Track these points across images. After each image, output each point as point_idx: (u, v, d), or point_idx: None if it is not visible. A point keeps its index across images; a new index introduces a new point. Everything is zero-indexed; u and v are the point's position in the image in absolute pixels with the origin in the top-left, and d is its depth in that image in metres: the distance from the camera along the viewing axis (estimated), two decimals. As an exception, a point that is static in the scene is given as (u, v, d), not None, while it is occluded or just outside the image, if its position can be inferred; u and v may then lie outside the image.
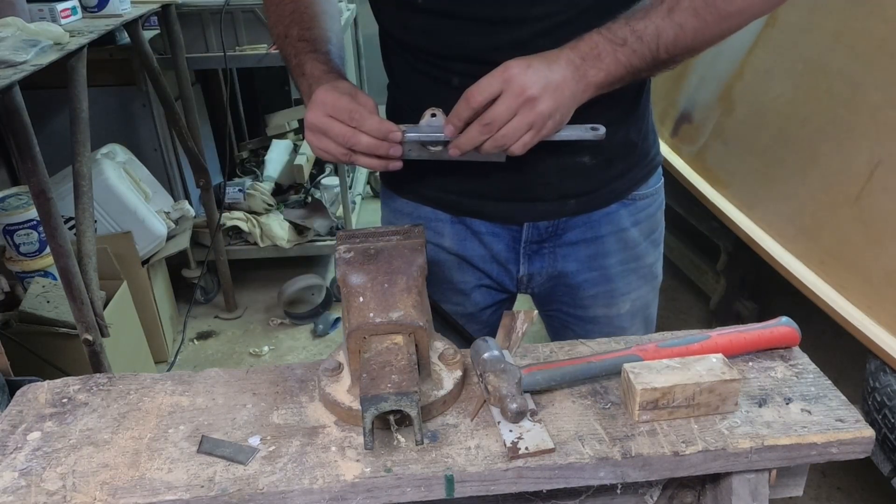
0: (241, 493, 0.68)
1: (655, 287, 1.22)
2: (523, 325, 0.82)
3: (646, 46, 0.86)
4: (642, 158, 1.10)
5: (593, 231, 1.10)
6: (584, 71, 0.85)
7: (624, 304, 1.17)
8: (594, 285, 1.14)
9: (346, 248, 0.84)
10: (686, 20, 0.85)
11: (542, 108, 0.82)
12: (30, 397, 0.82)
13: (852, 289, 1.63)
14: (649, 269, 1.18)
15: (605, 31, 0.86)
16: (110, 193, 2.42)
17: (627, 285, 1.16)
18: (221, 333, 2.86)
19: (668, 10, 0.86)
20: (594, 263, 1.12)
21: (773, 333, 0.85)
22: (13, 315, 2.05)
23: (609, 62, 0.85)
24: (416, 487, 0.69)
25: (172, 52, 2.55)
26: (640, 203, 1.12)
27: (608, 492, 0.77)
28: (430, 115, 0.89)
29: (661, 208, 1.18)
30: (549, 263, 1.13)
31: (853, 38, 1.60)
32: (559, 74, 0.83)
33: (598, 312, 1.17)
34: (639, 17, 0.86)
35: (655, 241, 1.18)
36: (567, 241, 1.11)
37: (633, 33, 0.85)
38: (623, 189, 1.10)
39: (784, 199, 1.88)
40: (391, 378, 0.70)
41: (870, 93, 1.56)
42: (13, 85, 1.51)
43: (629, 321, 1.18)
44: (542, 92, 0.82)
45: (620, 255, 1.13)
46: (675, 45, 0.86)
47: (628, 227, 1.12)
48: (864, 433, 0.72)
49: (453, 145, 0.88)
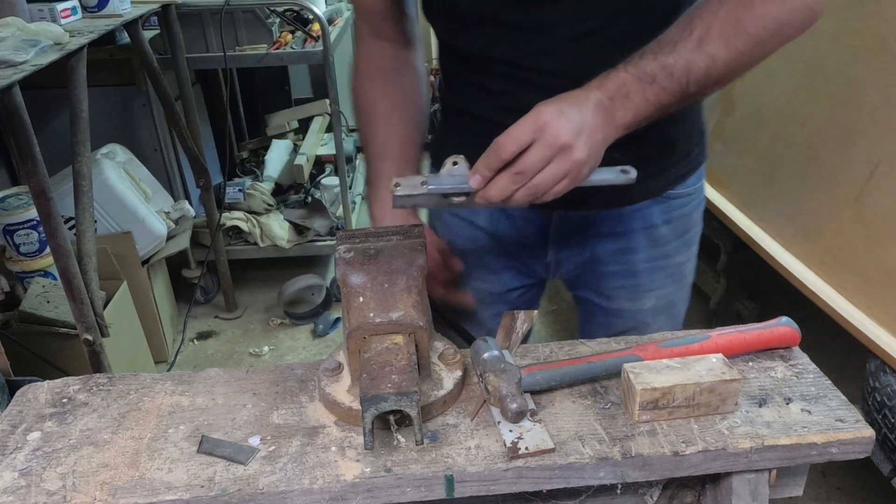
0: (241, 493, 0.68)
1: (683, 287, 1.21)
2: (523, 324, 0.82)
3: (675, 82, 0.82)
4: (681, 158, 1.09)
5: (623, 225, 1.11)
6: (614, 112, 0.82)
7: (648, 299, 1.17)
8: (620, 278, 1.15)
9: (346, 248, 0.84)
10: (717, 51, 0.82)
11: (578, 155, 0.78)
12: (30, 397, 0.82)
13: (852, 289, 1.63)
14: (678, 268, 1.17)
15: (633, 69, 0.82)
16: (110, 193, 2.42)
17: (653, 282, 1.15)
18: (221, 333, 2.86)
19: (698, 40, 0.82)
20: (622, 258, 1.13)
21: (773, 333, 0.85)
22: (13, 315, 2.05)
23: (638, 101, 0.82)
24: (416, 487, 0.69)
25: (172, 52, 2.55)
26: (674, 202, 1.11)
27: (608, 492, 0.77)
28: (451, 163, 0.83)
29: (698, 208, 1.16)
30: (577, 252, 1.14)
31: (853, 38, 1.60)
32: (591, 119, 0.80)
33: (622, 305, 1.17)
34: (667, 50, 0.82)
35: (688, 241, 1.17)
36: (597, 232, 1.12)
37: (662, 69, 0.82)
38: (657, 187, 1.09)
39: (784, 199, 1.89)
40: (391, 378, 0.70)
41: (870, 93, 1.56)
42: (13, 85, 1.51)
43: (652, 317, 1.18)
44: (576, 139, 0.78)
45: (648, 252, 1.13)
46: (706, 78, 0.83)
47: (659, 224, 1.11)
48: (864, 433, 0.72)
49: (481, 196, 0.82)
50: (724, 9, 0.83)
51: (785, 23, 0.84)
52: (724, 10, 0.83)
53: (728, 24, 0.82)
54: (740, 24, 0.82)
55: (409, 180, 0.83)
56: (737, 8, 0.83)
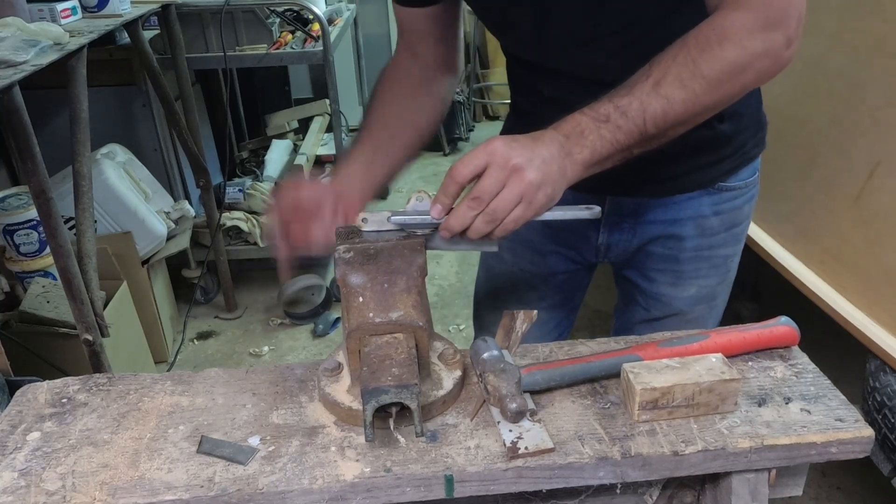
0: (240, 493, 0.68)
1: (726, 281, 1.22)
2: (523, 324, 0.82)
3: (631, 122, 0.84)
4: (735, 151, 1.10)
5: (673, 213, 1.12)
6: (569, 148, 0.84)
7: (690, 287, 1.18)
8: (664, 261, 1.16)
9: (345, 247, 0.84)
10: (673, 93, 0.84)
11: (531, 177, 0.80)
12: (29, 397, 0.82)
13: (852, 289, 1.63)
14: (723, 260, 1.18)
15: (589, 110, 0.85)
16: (110, 193, 2.42)
17: (696, 270, 1.17)
18: (221, 333, 2.85)
19: (654, 83, 0.84)
20: (668, 243, 1.15)
21: (773, 333, 0.85)
22: (13, 315, 2.05)
23: (593, 139, 0.84)
24: (416, 487, 0.69)
25: (172, 52, 2.55)
26: (725, 194, 1.12)
27: (608, 491, 0.77)
28: (415, 198, 0.85)
29: (749, 202, 1.17)
30: (627, 238, 1.16)
31: (853, 38, 1.60)
32: (544, 149, 0.82)
33: (662, 290, 1.19)
34: (623, 93, 0.84)
35: (736, 235, 1.18)
36: (647, 219, 1.13)
37: (616, 109, 0.84)
38: (708, 179, 1.10)
39: (784, 199, 1.88)
40: (391, 371, 0.71)
41: (870, 93, 1.56)
42: (13, 85, 1.51)
43: (691, 305, 1.19)
44: (528, 163, 0.80)
45: (696, 241, 1.14)
46: (663, 119, 0.85)
47: (709, 215, 1.12)
48: (864, 433, 0.72)
49: (443, 227, 0.83)
50: (682, 53, 0.84)
51: (744, 67, 0.85)
52: (682, 55, 0.84)
53: (684, 66, 0.84)
54: (696, 66, 0.83)
55: (375, 216, 0.86)
56: (694, 52, 0.84)
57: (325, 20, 2.61)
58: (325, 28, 2.57)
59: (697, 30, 0.85)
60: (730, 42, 0.83)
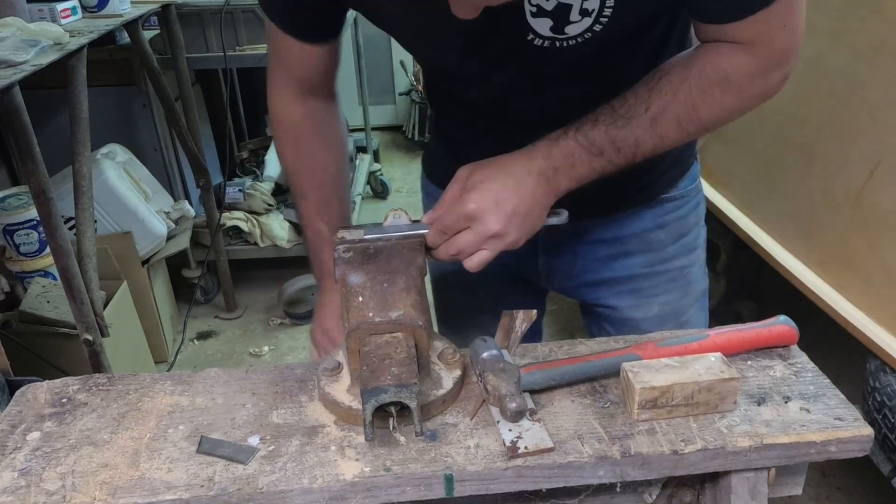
0: (240, 493, 0.68)
1: (690, 293, 1.15)
2: (522, 324, 0.82)
3: (622, 157, 0.84)
4: (673, 163, 1.07)
5: (615, 231, 1.08)
6: (557, 183, 0.84)
7: (651, 306, 1.13)
8: (618, 284, 1.12)
9: (345, 247, 0.84)
10: (668, 131, 0.83)
11: (510, 239, 0.83)
12: (29, 397, 0.82)
13: (852, 289, 1.63)
14: (679, 272, 1.13)
15: (583, 138, 0.83)
16: (110, 193, 2.42)
17: (654, 287, 1.12)
18: (221, 333, 2.86)
19: (651, 119, 0.82)
20: (616, 264, 1.10)
21: (771, 332, 0.85)
22: (13, 315, 2.05)
23: (583, 171, 0.84)
24: (416, 486, 0.69)
25: (172, 52, 2.55)
26: (666, 205, 1.08)
27: (607, 491, 0.77)
28: (392, 216, 0.87)
29: (694, 211, 1.12)
30: (568, 261, 1.12)
31: (853, 38, 1.60)
32: (529, 196, 0.82)
33: (626, 314, 1.14)
34: (620, 123, 0.82)
35: (687, 245, 1.13)
36: (588, 239, 1.09)
37: (612, 144, 0.83)
38: (647, 196, 1.07)
39: (784, 199, 1.89)
40: (391, 370, 0.71)
41: (870, 93, 1.56)
42: (13, 85, 1.51)
43: (658, 326, 1.12)
44: (508, 226, 0.82)
45: (644, 257, 1.10)
46: (652, 152, 0.85)
47: (652, 228, 1.09)
48: (863, 432, 0.72)
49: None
50: (684, 90, 0.82)
51: (739, 110, 0.85)
52: (683, 92, 0.82)
53: (684, 107, 0.83)
54: (695, 110, 0.83)
55: (351, 233, 0.87)
56: (695, 93, 0.82)
57: (325, 20, 2.61)
58: (325, 28, 2.56)
59: (701, 65, 0.82)
60: (731, 88, 0.82)
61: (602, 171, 0.85)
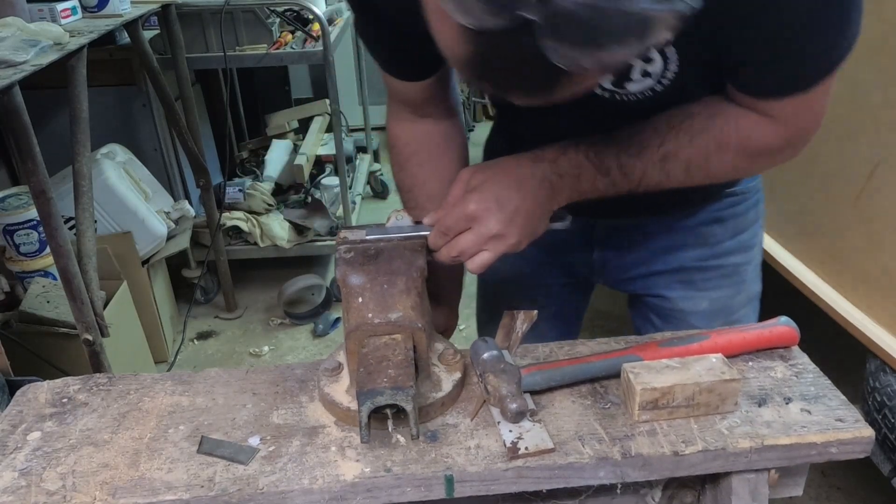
0: (241, 493, 0.68)
1: (742, 292, 1.13)
2: (523, 324, 0.82)
3: (626, 182, 0.84)
4: None
5: (670, 223, 1.08)
6: (560, 190, 0.84)
7: (702, 300, 1.12)
8: (669, 275, 1.11)
9: (346, 247, 0.84)
10: (675, 172, 0.84)
11: (510, 241, 0.83)
12: (30, 397, 0.82)
13: (852, 289, 1.63)
14: (734, 269, 1.11)
15: (594, 156, 0.84)
16: (110, 193, 2.42)
17: (706, 281, 1.11)
18: (221, 333, 2.85)
19: (662, 157, 0.83)
20: (670, 255, 1.10)
21: (772, 333, 0.85)
22: (13, 315, 2.04)
23: (586, 187, 0.84)
24: (416, 487, 0.69)
25: (172, 52, 2.55)
26: (725, 200, 1.07)
27: (608, 492, 0.77)
28: (394, 217, 0.88)
29: (754, 208, 1.11)
30: (623, 253, 1.12)
31: (853, 38, 1.60)
32: (530, 201, 0.82)
33: (675, 305, 1.13)
34: (633, 151, 0.83)
35: (744, 242, 1.11)
36: (643, 232, 1.09)
37: (619, 168, 0.83)
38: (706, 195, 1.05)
39: (784, 199, 1.88)
40: (387, 373, 0.71)
41: (870, 93, 1.55)
42: (13, 85, 1.51)
43: (707, 321, 1.11)
44: (508, 228, 0.82)
45: (698, 251, 1.09)
46: (656, 186, 0.85)
47: (708, 222, 1.08)
48: (864, 433, 0.72)
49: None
50: (702, 140, 0.83)
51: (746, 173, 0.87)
52: (701, 139, 0.83)
53: (697, 156, 0.83)
54: (707, 161, 0.83)
55: (353, 233, 0.88)
56: (712, 146, 0.83)
57: (326, 20, 2.61)
58: (326, 28, 2.57)
59: (725, 122, 0.82)
60: (746, 153, 0.83)
61: (604, 191, 0.85)
